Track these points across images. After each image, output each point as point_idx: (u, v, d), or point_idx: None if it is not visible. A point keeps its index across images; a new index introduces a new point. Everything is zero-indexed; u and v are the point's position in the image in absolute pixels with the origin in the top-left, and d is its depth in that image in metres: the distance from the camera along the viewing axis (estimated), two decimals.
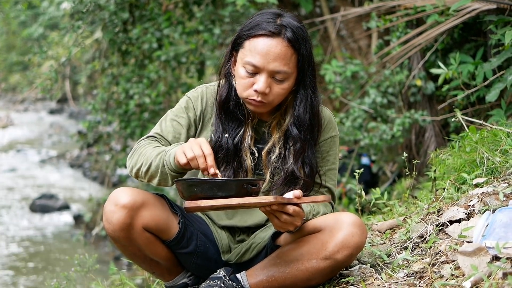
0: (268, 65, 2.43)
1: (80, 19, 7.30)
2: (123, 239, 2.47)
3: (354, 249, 2.40)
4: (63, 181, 13.96)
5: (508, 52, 4.11)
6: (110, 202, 2.45)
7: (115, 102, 7.58)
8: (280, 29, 2.44)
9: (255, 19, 2.49)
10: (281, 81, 2.47)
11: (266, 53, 2.43)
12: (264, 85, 2.45)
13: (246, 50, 2.47)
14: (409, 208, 3.27)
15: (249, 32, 2.47)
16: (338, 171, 2.74)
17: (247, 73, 2.47)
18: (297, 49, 2.46)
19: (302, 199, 2.28)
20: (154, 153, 2.47)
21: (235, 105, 2.58)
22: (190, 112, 2.64)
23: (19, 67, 24.56)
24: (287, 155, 2.57)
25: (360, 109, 5.94)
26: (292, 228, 2.35)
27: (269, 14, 2.49)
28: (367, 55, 7.00)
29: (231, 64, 2.58)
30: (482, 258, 2.19)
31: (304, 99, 2.55)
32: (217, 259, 2.66)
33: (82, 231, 9.50)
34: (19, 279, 8.27)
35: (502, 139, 3.12)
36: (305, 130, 2.56)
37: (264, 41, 2.44)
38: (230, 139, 2.57)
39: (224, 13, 6.79)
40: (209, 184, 2.23)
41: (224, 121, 2.60)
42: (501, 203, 2.61)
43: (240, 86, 2.51)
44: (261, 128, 2.62)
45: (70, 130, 17.73)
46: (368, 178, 6.61)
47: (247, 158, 2.59)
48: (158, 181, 2.47)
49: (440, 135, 5.67)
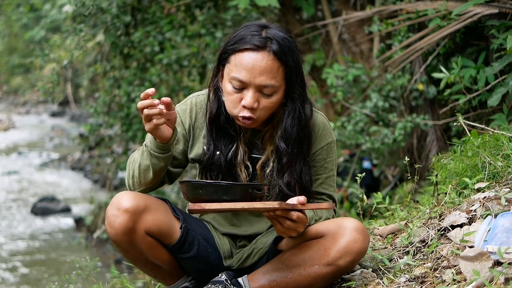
0: (255, 79, 2.38)
1: (82, 22, 7.32)
2: (125, 243, 2.47)
3: (356, 255, 2.40)
4: (64, 184, 13.97)
5: (510, 57, 4.10)
6: (112, 206, 2.45)
7: (117, 105, 7.58)
8: (265, 42, 2.38)
9: (240, 33, 2.44)
10: (269, 95, 2.42)
11: (252, 68, 2.38)
12: (252, 100, 2.39)
13: (231, 65, 2.42)
14: (410, 213, 3.27)
15: (233, 46, 2.42)
16: (339, 175, 2.74)
17: (234, 88, 2.42)
18: (284, 61, 2.41)
19: (306, 206, 2.27)
20: (137, 153, 2.51)
21: (225, 120, 2.54)
22: (179, 126, 2.59)
23: (21, 69, 24.61)
24: (280, 169, 2.54)
25: (361, 113, 5.93)
26: (295, 234, 2.35)
27: (254, 27, 2.44)
28: (369, 59, 7.00)
29: (219, 78, 2.53)
30: (484, 263, 2.19)
31: (291, 112, 2.49)
32: (218, 264, 2.65)
33: (83, 234, 9.51)
34: (20, 282, 8.27)
35: (504, 143, 3.12)
36: (292, 143, 2.51)
37: (249, 55, 2.38)
38: (223, 157, 2.54)
39: (226, 16, 6.80)
40: (214, 187, 2.23)
41: (215, 138, 2.56)
42: (503, 208, 2.60)
43: (229, 102, 2.46)
44: (254, 139, 2.59)
45: (71, 133, 17.75)
46: (369, 182, 6.59)
47: (242, 172, 2.56)
48: (153, 173, 2.48)
49: (441, 139, 5.66)
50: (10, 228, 10.72)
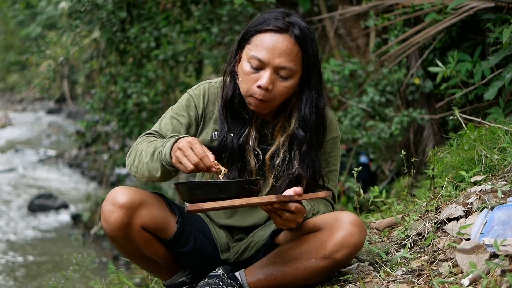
0: (274, 60, 2.41)
1: (78, 19, 7.30)
2: (121, 238, 2.46)
3: (353, 249, 2.40)
4: (62, 181, 13.96)
5: (506, 50, 4.11)
6: (108, 201, 2.44)
7: (113, 102, 7.57)
8: (288, 26, 2.42)
9: (263, 16, 2.48)
10: (285, 78, 2.44)
11: (273, 48, 2.41)
12: (268, 81, 2.42)
13: (252, 45, 2.45)
14: (407, 206, 3.27)
15: (256, 27, 2.46)
16: (339, 171, 2.73)
17: (252, 68, 2.44)
18: (304, 47, 2.44)
19: (303, 196, 2.27)
20: (149, 151, 2.43)
21: (239, 104, 2.55)
22: (192, 110, 2.60)
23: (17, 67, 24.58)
24: (292, 159, 2.55)
25: (358, 108, 5.94)
26: (294, 225, 2.35)
27: (277, 12, 2.47)
28: (365, 53, 7.00)
29: (236, 62, 2.55)
30: (480, 256, 2.19)
31: (309, 100, 2.52)
32: (215, 258, 2.65)
33: (80, 231, 9.50)
34: (17, 279, 8.26)
35: (500, 137, 3.13)
36: (311, 131, 2.53)
37: (271, 36, 2.42)
38: (235, 139, 2.54)
39: (222, 12, 6.79)
40: (211, 187, 2.22)
41: (229, 121, 2.56)
42: (499, 201, 2.61)
43: (244, 83, 2.48)
44: (264, 130, 2.60)
45: (68, 130, 17.73)
46: (366, 176, 6.60)
47: (251, 159, 2.56)
48: (159, 178, 2.43)
49: (438, 133, 5.67)
50: (7, 225, 10.71)
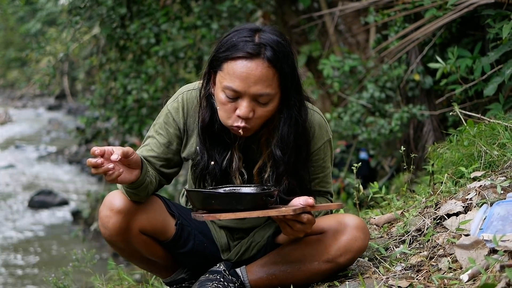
0: (250, 89, 2.26)
1: (77, 15, 7.30)
2: (120, 242, 2.45)
3: (356, 253, 2.39)
4: (62, 177, 13.97)
5: (506, 46, 4.10)
6: (105, 206, 2.41)
7: (113, 98, 7.57)
8: (259, 49, 2.25)
9: (231, 39, 2.30)
10: (265, 103, 2.31)
11: (246, 77, 2.25)
12: (247, 110, 2.28)
13: (224, 73, 2.29)
14: (407, 202, 3.27)
15: (225, 54, 2.28)
16: (336, 166, 2.73)
17: (228, 98, 2.30)
18: (279, 68, 2.28)
19: (316, 207, 2.24)
20: None
21: (220, 128, 2.42)
22: (170, 127, 2.50)
23: (17, 63, 24.57)
24: (277, 177, 2.46)
25: (358, 104, 5.93)
26: (302, 235, 2.33)
27: (246, 31, 2.30)
28: (365, 49, 7.00)
29: (211, 85, 2.41)
30: (479, 251, 2.20)
31: (288, 120, 2.38)
32: (215, 258, 2.63)
33: (80, 227, 9.52)
34: (17, 275, 8.27)
35: (500, 132, 3.12)
36: (289, 152, 2.42)
37: (243, 63, 2.25)
38: (217, 166, 2.45)
39: (222, 8, 6.79)
40: (229, 197, 2.17)
41: (209, 147, 2.45)
42: (498, 197, 2.61)
43: (222, 112, 2.34)
44: (250, 143, 2.49)
45: (68, 126, 17.75)
46: (366, 172, 6.60)
47: (236, 179, 2.48)
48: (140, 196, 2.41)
49: (438, 129, 5.67)
50: (7, 222, 10.72)
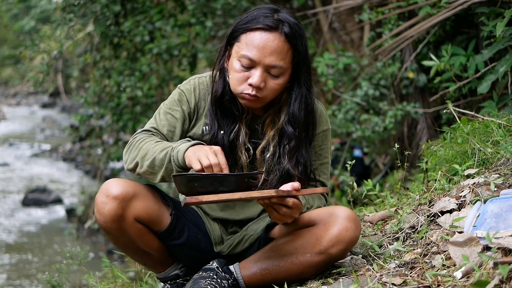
0: (265, 59, 2.40)
1: (71, 12, 7.28)
2: (115, 230, 2.47)
3: (348, 244, 2.40)
4: (56, 175, 13.95)
5: (499, 44, 4.11)
6: (101, 193, 2.44)
7: (107, 95, 7.56)
8: (277, 24, 2.41)
9: (252, 13, 2.46)
10: (276, 76, 2.44)
11: (263, 47, 2.40)
12: (260, 79, 2.41)
13: (242, 43, 2.44)
14: (400, 199, 3.28)
15: (245, 25, 2.44)
16: (330, 164, 2.74)
17: (242, 67, 2.44)
18: (294, 45, 2.44)
19: (301, 191, 2.27)
20: (157, 148, 2.42)
21: (229, 100, 2.54)
22: (184, 105, 2.60)
23: (11, 61, 24.53)
24: (281, 154, 2.55)
25: (352, 102, 5.94)
26: (290, 220, 2.36)
27: (266, 9, 2.46)
28: (359, 47, 6.99)
29: (225, 59, 2.54)
30: (473, 248, 2.20)
31: (299, 97, 2.52)
32: (209, 251, 2.66)
33: (74, 225, 9.50)
34: (11, 273, 8.25)
35: (493, 130, 3.13)
36: (300, 128, 2.53)
37: (261, 35, 2.41)
38: (226, 136, 2.54)
39: (216, 5, 6.78)
40: (210, 179, 2.20)
41: (219, 118, 2.55)
42: (492, 194, 2.62)
43: (234, 80, 2.47)
44: (254, 124, 2.59)
45: (62, 124, 17.70)
46: (360, 170, 6.61)
47: (242, 154, 2.56)
48: (161, 176, 2.42)
49: (432, 127, 5.68)
50: (1, 219, 10.70)
